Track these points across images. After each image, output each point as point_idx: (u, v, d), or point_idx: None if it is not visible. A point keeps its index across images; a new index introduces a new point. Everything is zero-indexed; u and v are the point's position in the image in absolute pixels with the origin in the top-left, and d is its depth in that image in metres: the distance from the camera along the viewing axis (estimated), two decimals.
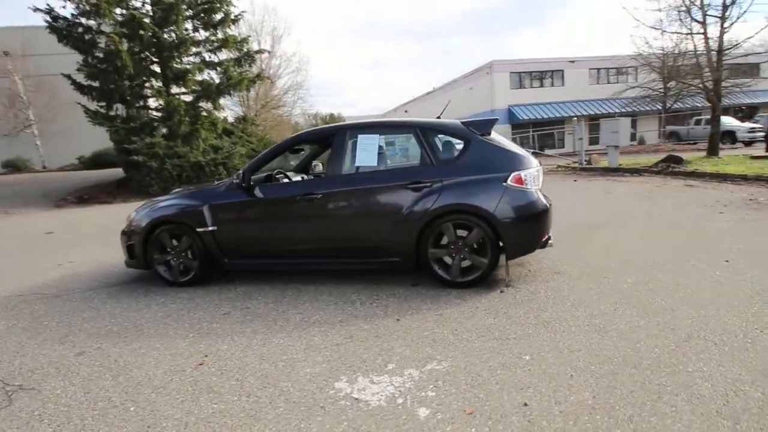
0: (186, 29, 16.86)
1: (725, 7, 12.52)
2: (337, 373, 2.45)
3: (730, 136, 20.58)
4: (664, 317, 2.89)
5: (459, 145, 3.77)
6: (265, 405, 2.20)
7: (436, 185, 3.62)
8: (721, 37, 13.09)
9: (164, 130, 16.85)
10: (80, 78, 15.86)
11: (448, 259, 3.72)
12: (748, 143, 19.89)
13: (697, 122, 23.46)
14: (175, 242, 4.26)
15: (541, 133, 26.25)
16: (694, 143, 21.65)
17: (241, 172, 4.00)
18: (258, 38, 27.95)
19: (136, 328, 3.32)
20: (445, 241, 3.70)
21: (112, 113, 16.41)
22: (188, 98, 17.13)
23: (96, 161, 22.95)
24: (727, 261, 3.92)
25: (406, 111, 40.16)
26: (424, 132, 3.82)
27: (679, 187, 8.99)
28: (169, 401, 2.29)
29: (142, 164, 15.41)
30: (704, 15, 12.95)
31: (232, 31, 17.99)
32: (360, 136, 3.94)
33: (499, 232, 3.50)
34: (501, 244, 3.54)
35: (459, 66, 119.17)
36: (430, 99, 37.82)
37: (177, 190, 5.23)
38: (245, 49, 18.27)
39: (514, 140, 12.67)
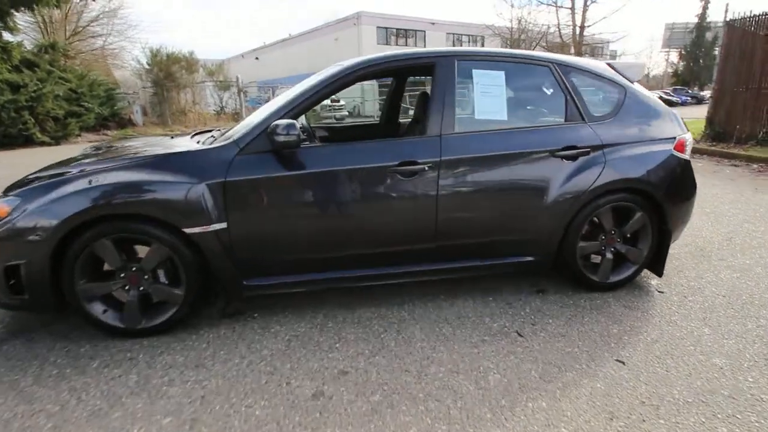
0: None
1: None
2: None
3: None
4: None
5: (609, 94, 2.72)
6: None
7: (597, 152, 2.54)
8: (584, 14, 14.55)
9: None
10: None
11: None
12: None
13: None
14: (125, 256, 2.22)
15: (413, 92, 26.46)
16: None
17: (284, 123, 2.16)
18: None
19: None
20: (584, 230, 2.68)
21: None
22: None
23: None
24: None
25: (257, 58, 35.76)
26: (566, 72, 2.63)
27: None
28: None
29: None
30: None
31: None
32: (476, 72, 2.52)
33: (667, 214, 2.65)
34: (664, 229, 2.71)
35: (300, 16, 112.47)
36: (287, 46, 34.19)
37: (89, 152, 2.83)
38: None
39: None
